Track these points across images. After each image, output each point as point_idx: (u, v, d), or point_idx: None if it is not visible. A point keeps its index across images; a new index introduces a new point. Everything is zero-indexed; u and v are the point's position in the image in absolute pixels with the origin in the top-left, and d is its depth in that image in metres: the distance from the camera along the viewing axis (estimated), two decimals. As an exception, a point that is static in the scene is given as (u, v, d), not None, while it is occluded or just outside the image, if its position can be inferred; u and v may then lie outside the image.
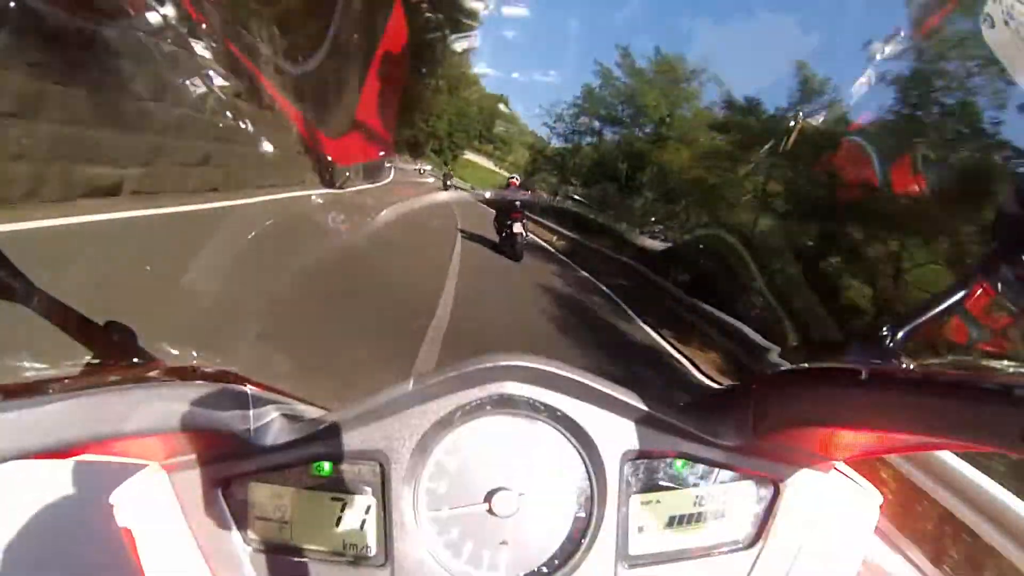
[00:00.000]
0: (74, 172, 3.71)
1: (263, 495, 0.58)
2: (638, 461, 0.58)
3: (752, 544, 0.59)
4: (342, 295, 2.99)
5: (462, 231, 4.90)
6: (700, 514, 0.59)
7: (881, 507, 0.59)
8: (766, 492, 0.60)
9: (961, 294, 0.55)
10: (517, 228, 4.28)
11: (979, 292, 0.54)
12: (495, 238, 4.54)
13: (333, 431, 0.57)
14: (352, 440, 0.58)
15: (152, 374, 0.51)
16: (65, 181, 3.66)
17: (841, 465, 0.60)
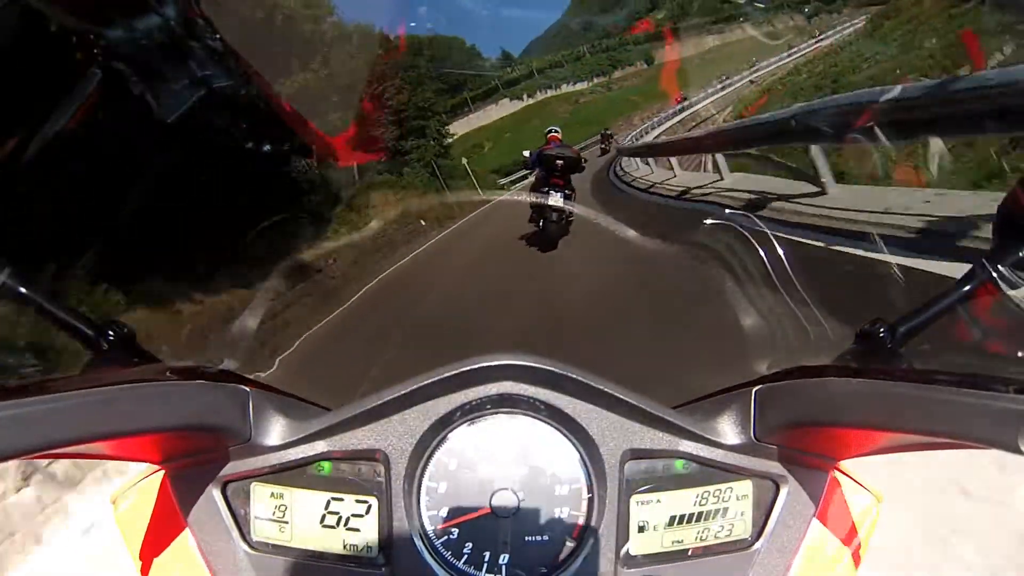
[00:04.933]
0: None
1: (263, 495, 0.58)
2: (638, 461, 0.58)
3: (752, 544, 0.59)
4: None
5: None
6: (700, 514, 0.58)
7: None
8: (766, 492, 0.60)
9: (961, 293, 0.55)
10: (554, 199, 3.23)
11: (980, 291, 0.53)
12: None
13: (333, 431, 0.58)
14: (352, 440, 0.58)
15: (152, 374, 0.51)
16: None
17: (841, 465, 0.60)
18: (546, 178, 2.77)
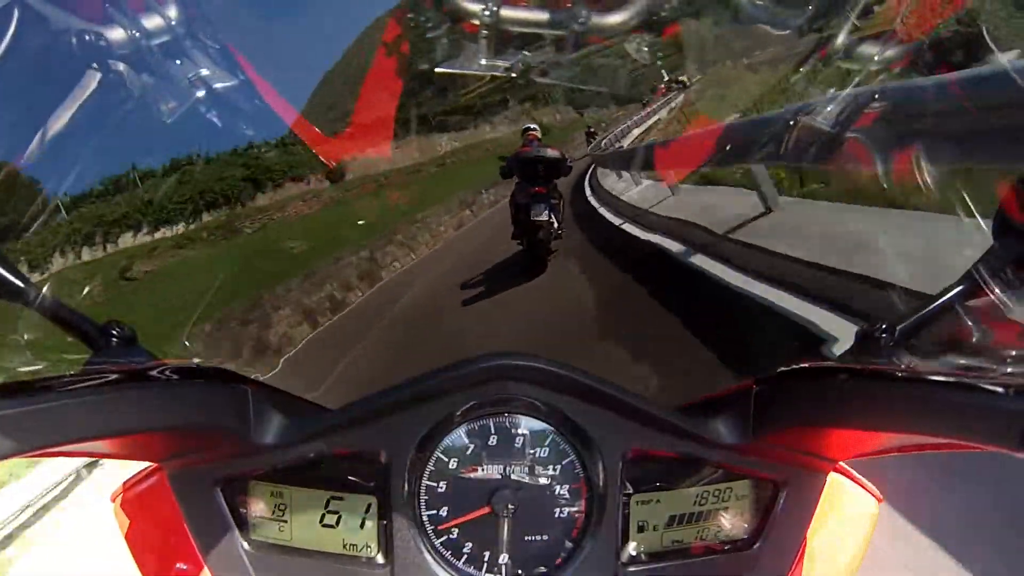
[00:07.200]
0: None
1: (263, 495, 0.58)
2: (638, 461, 0.58)
3: (752, 544, 0.59)
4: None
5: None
6: (700, 514, 0.59)
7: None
8: (766, 492, 0.60)
9: (960, 293, 0.55)
10: (537, 213, 2.62)
11: (979, 291, 0.53)
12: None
13: (333, 430, 0.58)
14: (352, 440, 0.58)
15: (152, 374, 0.51)
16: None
17: (841, 465, 0.60)
18: (526, 187, 2.27)
